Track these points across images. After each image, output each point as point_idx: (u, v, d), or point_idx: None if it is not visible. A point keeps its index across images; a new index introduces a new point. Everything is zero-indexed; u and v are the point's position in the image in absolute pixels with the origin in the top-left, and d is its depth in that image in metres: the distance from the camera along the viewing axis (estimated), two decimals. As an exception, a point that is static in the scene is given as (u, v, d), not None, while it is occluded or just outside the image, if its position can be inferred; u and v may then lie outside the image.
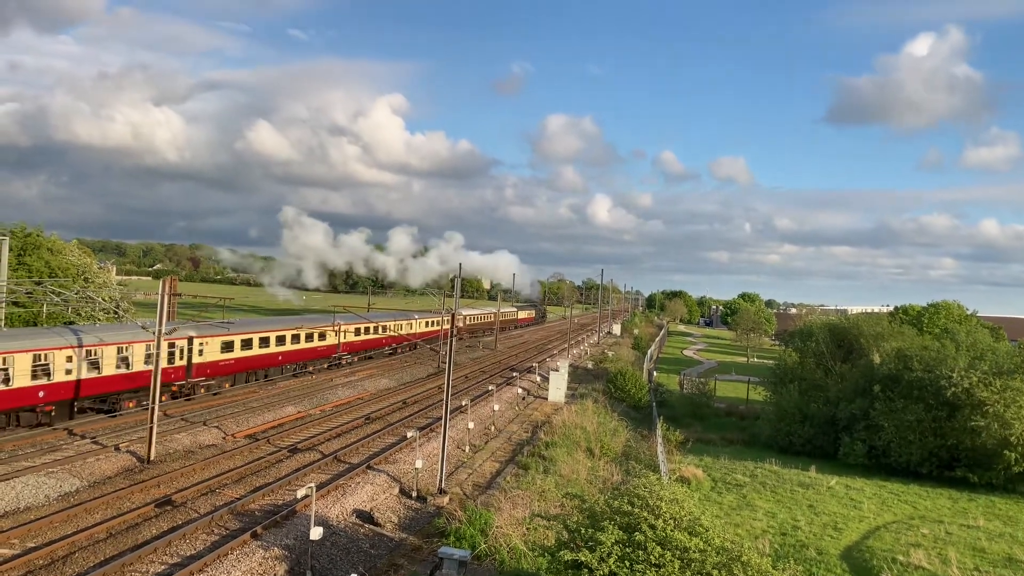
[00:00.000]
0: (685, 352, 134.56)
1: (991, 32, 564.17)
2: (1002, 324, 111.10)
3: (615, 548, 15.73)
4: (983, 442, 38.49)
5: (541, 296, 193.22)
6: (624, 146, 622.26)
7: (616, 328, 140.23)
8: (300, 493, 21.83)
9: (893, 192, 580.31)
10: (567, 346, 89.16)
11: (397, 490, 28.91)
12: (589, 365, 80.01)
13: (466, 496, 29.31)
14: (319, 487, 24.51)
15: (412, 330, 74.02)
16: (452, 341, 32.20)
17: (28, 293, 48.08)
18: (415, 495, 28.65)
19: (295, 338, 52.96)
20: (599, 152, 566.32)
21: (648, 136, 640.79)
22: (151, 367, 37.65)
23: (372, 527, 24.90)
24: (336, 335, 58.67)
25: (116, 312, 55.98)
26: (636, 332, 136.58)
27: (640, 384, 61.46)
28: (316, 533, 20.10)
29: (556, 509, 27.45)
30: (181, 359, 41.35)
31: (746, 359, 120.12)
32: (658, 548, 15.48)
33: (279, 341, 50.97)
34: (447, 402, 30.07)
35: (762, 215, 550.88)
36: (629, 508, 16.94)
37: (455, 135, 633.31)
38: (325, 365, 58.05)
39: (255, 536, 21.97)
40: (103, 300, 55.07)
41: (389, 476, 29.79)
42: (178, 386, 41.45)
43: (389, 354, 70.30)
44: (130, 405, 37.62)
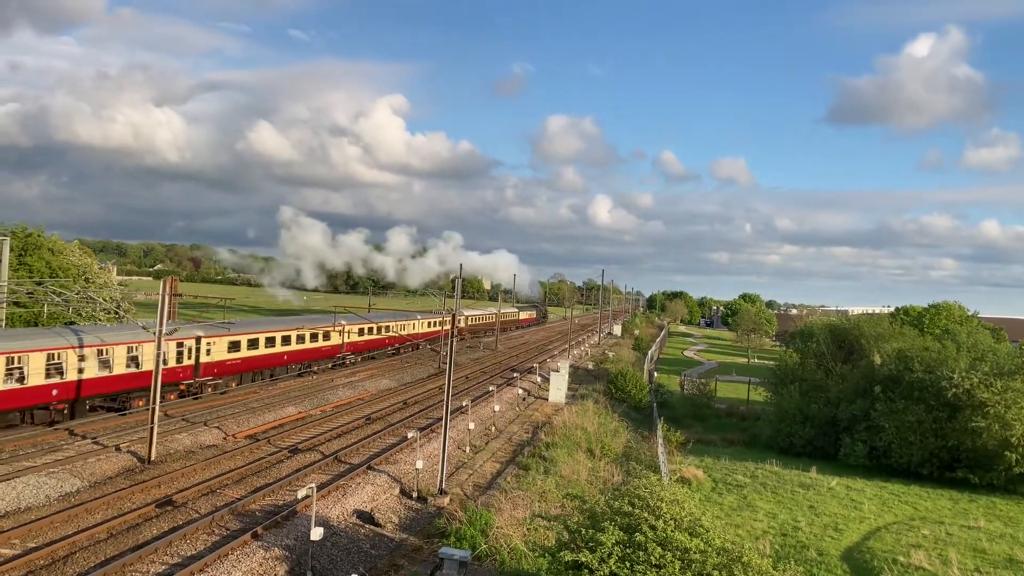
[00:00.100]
0: (686, 353, 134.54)
1: (992, 32, 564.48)
2: (1003, 325, 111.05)
3: (616, 549, 15.73)
4: (984, 443, 38.48)
5: (542, 297, 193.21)
6: (624, 146, 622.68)
7: (617, 329, 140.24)
8: (301, 493, 21.83)
9: (893, 192, 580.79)
10: (568, 347, 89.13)
11: (398, 490, 28.91)
12: (590, 366, 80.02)
13: (467, 497, 29.31)
14: (320, 487, 24.50)
15: (414, 330, 74.29)
16: (453, 342, 32.22)
17: (29, 293, 48.12)
18: (416, 496, 28.65)
19: (300, 338, 53.33)
20: (599, 152, 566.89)
21: (648, 136, 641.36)
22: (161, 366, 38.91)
23: (373, 527, 24.90)
24: (340, 335, 59.02)
25: (117, 312, 56.02)
26: (637, 333, 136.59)
27: (641, 385, 61.44)
28: (317, 533, 20.10)
29: (557, 510, 27.46)
30: (189, 358, 41.84)
31: (747, 360, 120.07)
32: (659, 549, 15.47)
33: (284, 341, 51.40)
34: (448, 403, 30.07)
35: (762, 216, 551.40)
36: (630, 509, 16.93)
37: (456, 136, 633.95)
38: (329, 365, 58.37)
39: (256, 536, 21.97)
40: (104, 300, 55.08)
41: (390, 476, 29.80)
42: (186, 385, 41.97)
43: (392, 354, 70.55)
44: (139, 404, 37.92)
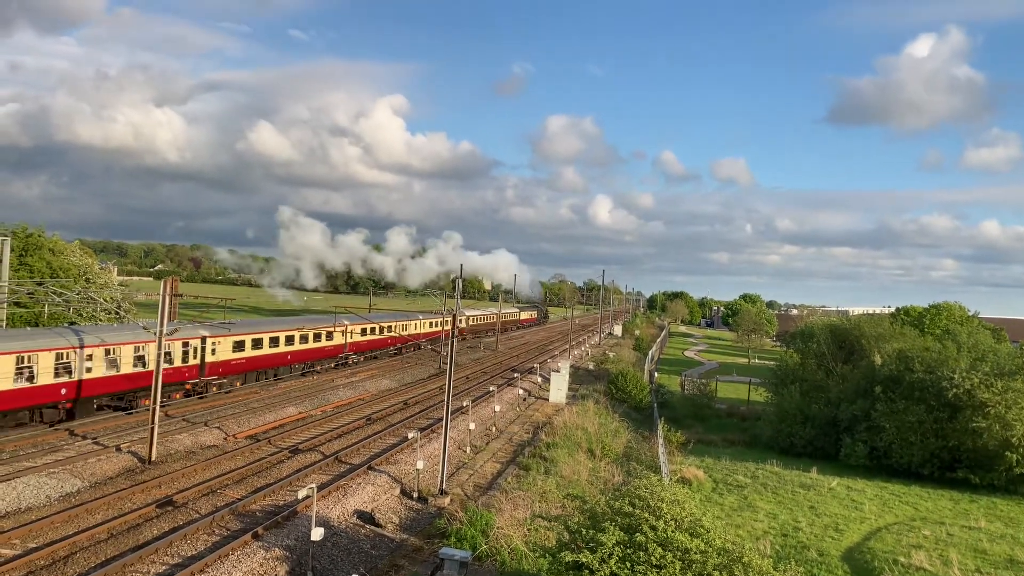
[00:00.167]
0: (686, 353, 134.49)
1: (992, 33, 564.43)
2: (1003, 325, 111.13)
3: (616, 549, 15.73)
4: (984, 443, 38.47)
5: (543, 297, 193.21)
6: (625, 147, 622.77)
7: (617, 329, 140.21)
8: (301, 494, 21.83)
9: (894, 193, 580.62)
10: (568, 347, 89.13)
11: (398, 491, 28.91)
12: (590, 366, 80.00)
13: (467, 497, 29.31)
14: (320, 488, 24.50)
15: (416, 331, 74.56)
16: (453, 342, 32.22)
17: (30, 293, 48.15)
18: (416, 496, 28.65)
19: (303, 338, 53.74)
20: (600, 153, 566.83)
21: (649, 136, 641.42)
22: (166, 365, 38.94)
23: (373, 528, 24.90)
24: (343, 335, 59.37)
25: (117, 313, 56.05)
26: (637, 333, 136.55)
27: (641, 385, 61.43)
28: (317, 534, 20.10)
29: (557, 510, 27.45)
30: (194, 358, 42.31)
31: (747, 360, 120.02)
32: (659, 549, 15.47)
33: (288, 341, 51.82)
34: (448, 403, 30.07)
35: (763, 216, 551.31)
36: (630, 509, 16.93)
37: (456, 136, 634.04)
38: (332, 365, 58.70)
39: (256, 537, 21.98)
40: (104, 301, 55.11)
41: (390, 477, 29.80)
42: (191, 384, 42.39)
43: (394, 354, 70.84)
44: (145, 403, 37.88)
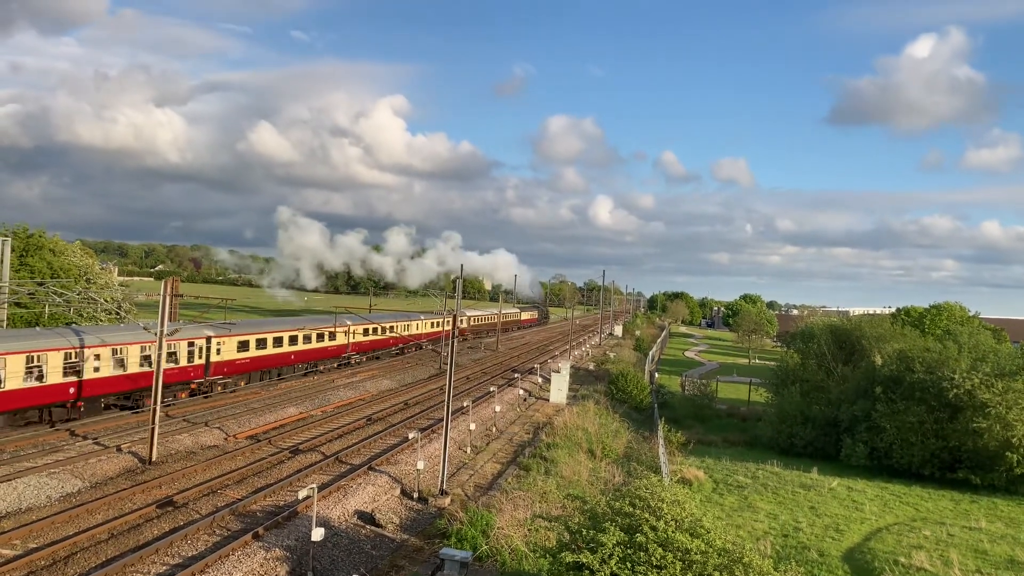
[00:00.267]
0: (687, 353, 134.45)
1: (993, 33, 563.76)
2: (1004, 326, 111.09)
3: (616, 549, 15.73)
4: (985, 444, 38.45)
5: (543, 297, 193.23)
6: (625, 147, 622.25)
7: (618, 329, 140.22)
8: (302, 494, 21.84)
9: (894, 193, 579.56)
10: (569, 347, 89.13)
11: (399, 491, 28.92)
12: (591, 366, 79.99)
13: (467, 497, 29.31)
14: (321, 488, 24.51)
15: (418, 331, 74.97)
16: (454, 342, 32.23)
17: (30, 294, 48.20)
18: (416, 496, 28.65)
19: (307, 338, 54.13)
20: (600, 153, 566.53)
21: (649, 137, 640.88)
22: (173, 365, 40.12)
23: (374, 528, 24.91)
24: (345, 335, 59.78)
25: (118, 313, 56.10)
26: (638, 333, 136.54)
27: (642, 385, 61.43)
28: (318, 534, 20.11)
29: (557, 510, 27.44)
30: (200, 358, 42.64)
31: (748, 360, 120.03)
32: (659, 549, 15.48)
33: (292, 341, 52.22)
34: (448, 403, 30.08)
35: (763, 216, 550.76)
36: (630, 509, 16.94)
37: (456, 137, 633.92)
38: (335, 364, 59.10)
39: (256, 537, 21.98)
40: (105, 301, 55.16)
41: (391, 477, 29.80)
42: (197, 384, 42.80)
43: (396, 354, 71.25)
44: (150, 402, 37.98)
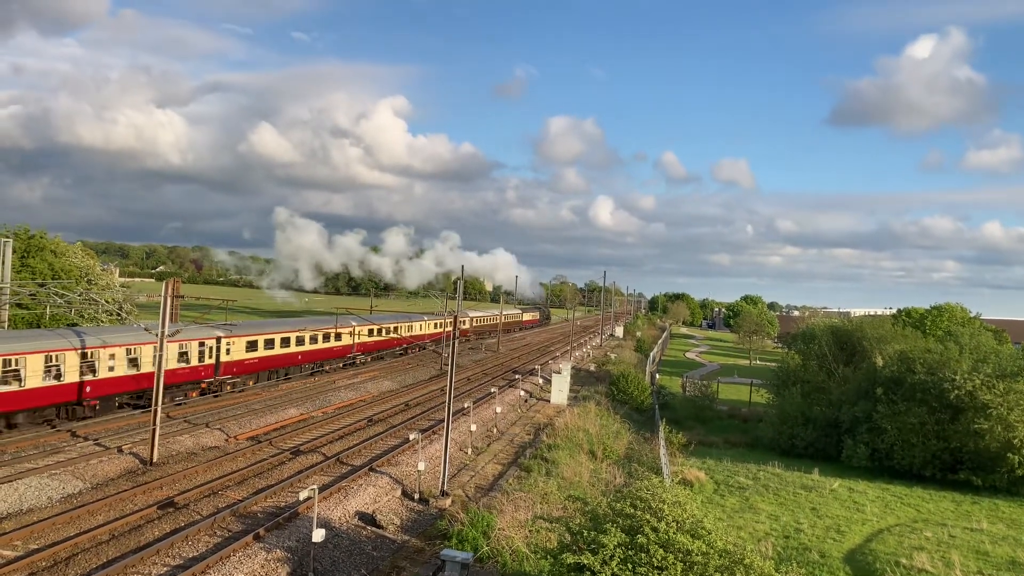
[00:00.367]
0: (687, 354, 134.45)
1: (993, 34, 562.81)
2: (1005, 327, 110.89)
3: (617, 551, 15.72)
4: (986, 445, 38.43)
5: (544, 298, 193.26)
6: (626, 148, 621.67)
7: (618, 330, 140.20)
8: (302, 495, 21.84)
9: (895, 194, 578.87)
10: (569, 348, 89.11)
11: (399, 492, 28.91)
12: (591, 367, 79.98)
13: (468, 498, 29.30)
14: (321, 489, 24.51)
15: (421, 331, 75.93)
16: (455, 343, 32.23)
17: (32, 295, 48.25)
18: (417, 497, 28.65)
19: (313, 339, 54.82)
20: (601, 154, 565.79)
21: (650, 138, 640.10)
22: (184, 364, 40.80)
23: (374, 529, 24.90)
24: (351, 336, 60.54)
25: (119, 314, 56.14)
26: (638, 334, 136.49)
27: (642, 386, 61.41)
28: (318, 535, 20.11)
29: (558, 511, 27.42)
30: (210, 358, 43.23)
31: (748, 361, 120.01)
32: (660, 551, 15.46)
33: (299, 342, 52.95)
34: (449, 404, 30.08)
35: (764, 217, 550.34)
36: (631, 511, 16.93)
37: (457, 138, 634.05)
38: (341, 364, 59.79)
39: (257, 538, 21.98)
40: (106, 302, 55.20)
41: (391, 478, 29.80)
42: (207, 383, 43.36)
43: (400, 354, 71.92)
44: (164, 401, 38.71)
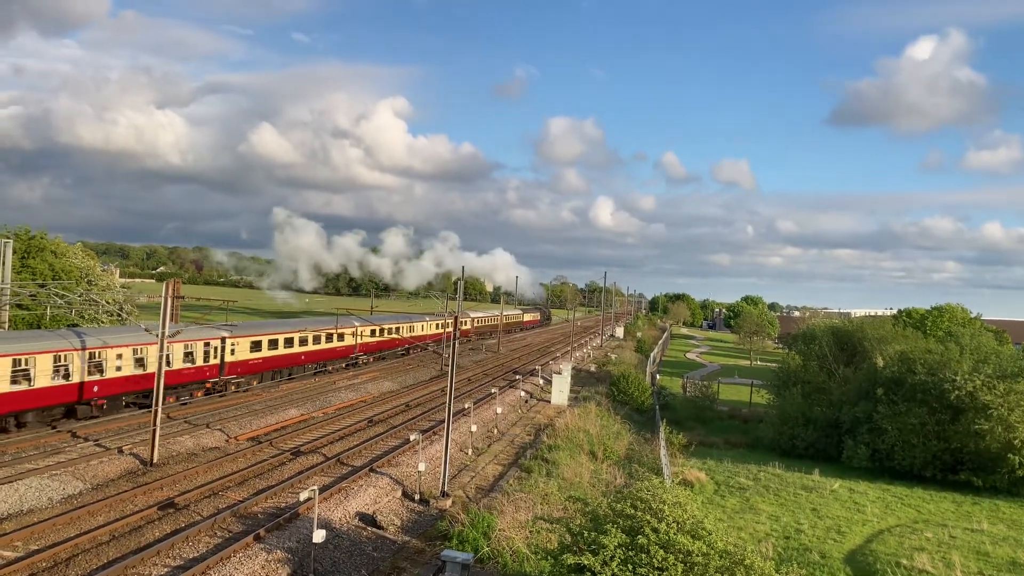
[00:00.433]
0: (688, 355, 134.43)
1: (993, 35, 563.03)
2: (1006, 327, 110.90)
3: (618, 551, 15.71)
4: (987, 445, 38.41)
5: (545, 299, 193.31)
6: (626, 149, 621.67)
7: (619, 331, 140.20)
8: (303, 496, 21.84)
9: (895, 195, 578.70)
10: (570, 349, 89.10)
11: (400, 493, 28.91)
12: (592, 368, 79.97)
13: (469, 499, 29.30)
14: (322, 490, 24.51)
15: (423, 332, 76.52)
16: (455, 344, 32.21)
17: (32, 296, 48.26)
18: (418, 498, 28.65)
19: (316, 339, 55.16)
20: (601, 155, 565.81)
21: (650, 139, 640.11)
22: (190, 364, 41.33)
23: (375, 530, 24.90)
24: (353, 336, 60.93)
25: (119, 315, 56.15)
26: (639, 335, 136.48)
27: (643, 387, 61.40)
28: (319, 536, 20.11)
29: (559, 512, 27.42)
30: (215, 358, 43.60)
31: (749, 362, 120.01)
32: (661, 551, 15.46)
33: (302, 342, 53.28)
34: (450, 405, 30.08)
35: (764, 218, 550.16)
36: (632, 511, 16.92)
37: (458, 138, 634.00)
38: (344, 365, 60.15)
39: (258, 539, 21.98)
40: (107, 303, 55.20)
41: (392, 479, 29.79)
42: (212, 383, 43.73)
43: (402, 355, 72.29)
44: (170, 400, 40.02)
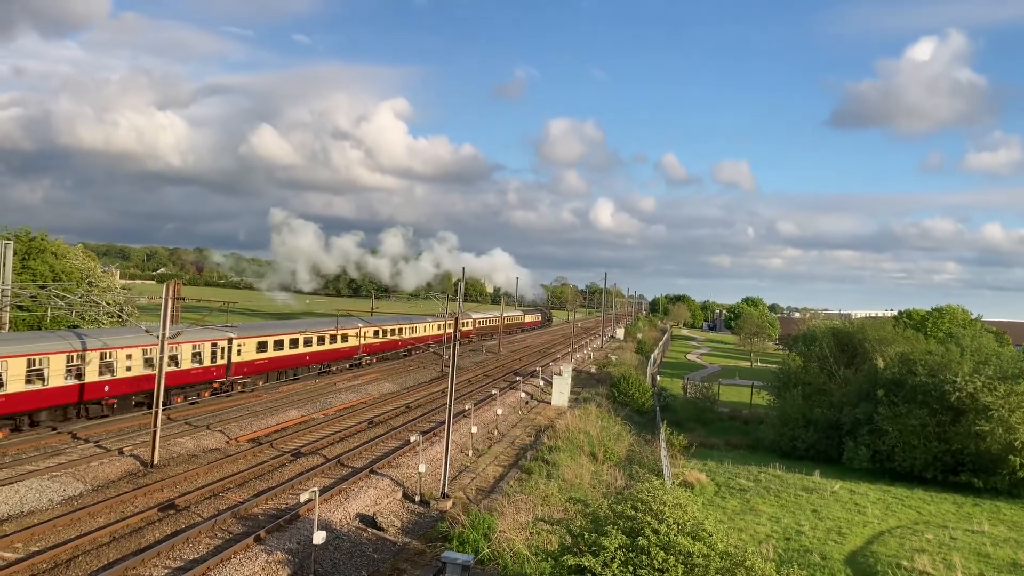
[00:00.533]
0: (688, 356, 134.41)
1: (994, 36, 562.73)
2: (1006, 329, 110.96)
3: (618, 553, 15.71)
4: (988, 447, 38.39)
5: (546, 300, 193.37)
6: (626, 150, 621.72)
7: (619, 332, 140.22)
8: (303, 497, 21.84)
9: (895, 196, 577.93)
10: (570, 350, 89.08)
11: (400, 494, 28.90)
12: (592, 369, 79.96)
13: (469, 500, 29.28)
14: (322, 491, 24.51)
15: (425, 333, 77.24)
16: (455, 345, 32.21)
17: (32, 297, 48.26)
18: (418, 499, 28.64)
19: (320, 340, 55.71)
20: (602, 156, 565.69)
21: (650, 140, 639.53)
22: (197, 365, 41.85)
23: (375, 531, 24.89)
24: (357, 338, 61.44)
25: (120, 316, 56.15)
26: (639, 336, 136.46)
27: (643, 388, 61.36)
28: (319, 537, 20.10)
29: (559, 513, 27.41)
30: (222, 358, 44.22)
31: (750, 363, 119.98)
32: (661, 553, 15.45)
33: (307, 343, 53.91)
34: (450, 406, 30.07)
35: (765, 219, 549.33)
36: (632, 513, 16.91)
37: (458, 140, 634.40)
38: (347, 365, 60.66)
39: (258, 540, 21.97)
40: (107, 304, 55.20)
41: (392, 480, 29.78)
42: (219, 383, 44.30)
43: (404, 355, 72.65)
44: (178, 400, 40.75)
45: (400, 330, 71.43)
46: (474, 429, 38.73)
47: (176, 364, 40.04)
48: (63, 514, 23.45)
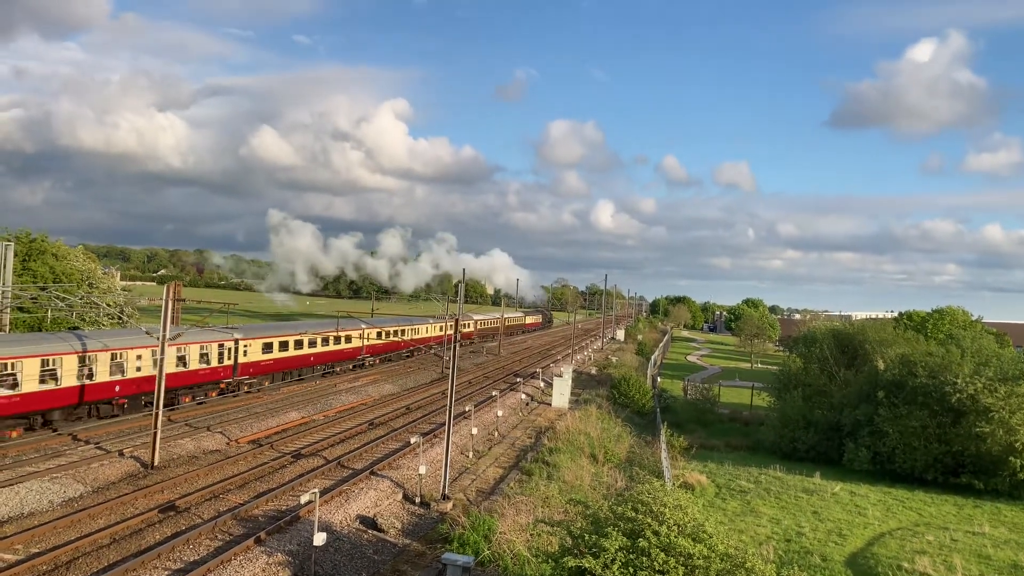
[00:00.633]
0: (689, 358, 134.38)
1: (994, 37, 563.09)
2: (1007, 330, 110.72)
3: (619, 554, 15.71)
4: (988, 448, 38.39)
5: (547, 301, 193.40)
6: (627, 151, 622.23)
7: (620, 334, 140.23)
8: (304, 499, 21.82)
9: (896, 197, 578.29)
10: (571, 351, 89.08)
11: (400, 496, 28.90)
12: (593, 371, 79.95)
13: (469, 502, 29.28)
14: (323, 493, 24.51)
15: (427, 334, 77.59)
16: (456, 346, 32.23)
17: (33, 298, 48.27)
18: (418, 501, 28.63)
19: (324, 341, 56.11)
20: (602, 158, 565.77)
21: (651, 141, 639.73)
22: (205, 365, 42.21)
23: (376, 533, 24.89)
24: (360, 339, 61.82)
25: (120, 318, 56.16)
26: (640, 338, 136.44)
27: (644, 390, 61.35)
28: (320, 539, 20.11)
29: (560, 515, 27.40)
30: (229, 359, 44.54)
31: (750, 365, 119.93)
32: (662, 554, 15.45)
33: (311, 344, 54.23)
34: (451, 408, 30.08)
35: (765, 221, 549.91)
36: (633, 514, 16.91)
37: (459, 141, 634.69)
38: (351, 366, 61.05)
39: (259, 542, 21.97)
40: (108, 306, 55.22)
41: (392, 482, 29.78)
42: (225, 383, 44.62)
43: (407, 356, 73.03)
44: (186, 400, 41.21)
45: (402, 331, 71.88)
46: (474, 431, 38.73)
47: (184, 365, 40.43)
48: (63, 516, 23.45)
